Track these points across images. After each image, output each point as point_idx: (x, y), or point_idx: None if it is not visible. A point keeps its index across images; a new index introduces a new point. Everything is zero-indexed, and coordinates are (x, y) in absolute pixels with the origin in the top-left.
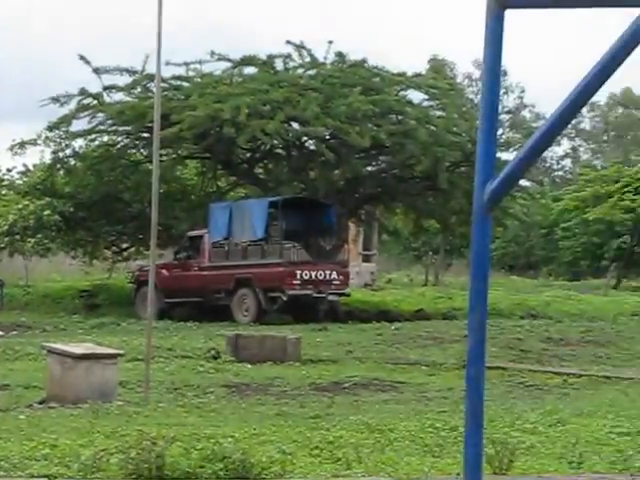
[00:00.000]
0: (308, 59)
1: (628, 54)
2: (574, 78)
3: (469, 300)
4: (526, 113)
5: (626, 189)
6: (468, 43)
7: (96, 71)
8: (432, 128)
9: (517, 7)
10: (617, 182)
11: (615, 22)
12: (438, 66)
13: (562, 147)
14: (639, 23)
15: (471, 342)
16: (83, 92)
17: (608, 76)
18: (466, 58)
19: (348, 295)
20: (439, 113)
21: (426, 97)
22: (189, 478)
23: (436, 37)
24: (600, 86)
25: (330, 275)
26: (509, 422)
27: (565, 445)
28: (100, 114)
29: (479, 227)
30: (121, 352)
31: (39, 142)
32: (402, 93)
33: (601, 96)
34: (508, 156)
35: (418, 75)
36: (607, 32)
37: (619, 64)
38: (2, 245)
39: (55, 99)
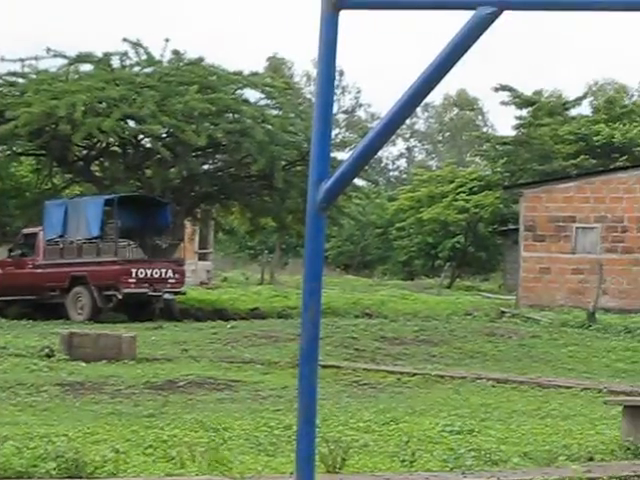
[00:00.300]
0: (145, 57)
1: (461, 55)
2: (409, 78)
3: (302, 299)
4: (362, 113)
5: (460, 189)
6: (307, 42)
7: None
8: (268, 127)
9: (351, 8)
10: (451, 182)
11: (449, 24)
12: (277, 65)
13: (397, 147)
14: (471, 26)
15: (304, 341)
16: None
17: (442, 76)
18: (305, 57)
19: (184, 293)
20: (275, 112)
21: (262, 96)
22: (21, 477)
23: (276, 36)
24: (434, 86)
25: (166, 273)
26: (343, 420)
27: (398, 443)
28: None
29: (313, 226)
30: None
31: None
32: (239, 92)
33: (436, 97)
34: (344, 156)
35: (255, 74)
36: (441, 33)
37: (452, 65)
38: None
39: None
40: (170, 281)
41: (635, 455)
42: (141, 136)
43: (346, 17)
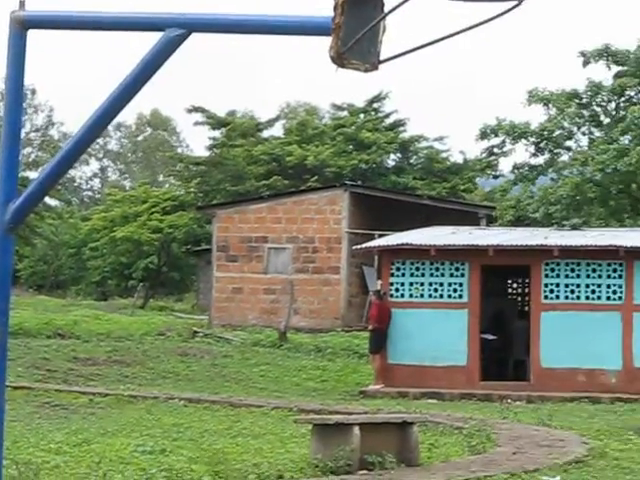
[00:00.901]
0: None
1: (151, 75)
2: (102, 97)
3: None
4: (55, 132)
5: (154, 209)
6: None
7: None
8: None
9: (39, 27)
10: (145, 202)
11: (138, 43)
12: None
13: (90, 167)
14: (160, 47)
15: None
16: None
17: (132, 96)
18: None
19: None
20: None
21: None
22: None
23: None
24: (125, 105)
25: None
26: (34, 442)
27: (90, 464)
28: None
29: (0, 247)
30: None
31: None
32: None
33: (128, 116)
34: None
35: None
36: (134, 53)
37: (142, 84)
38: None
39: None
40: None
41: (323, 472)
42: None
43: (37, 35)
